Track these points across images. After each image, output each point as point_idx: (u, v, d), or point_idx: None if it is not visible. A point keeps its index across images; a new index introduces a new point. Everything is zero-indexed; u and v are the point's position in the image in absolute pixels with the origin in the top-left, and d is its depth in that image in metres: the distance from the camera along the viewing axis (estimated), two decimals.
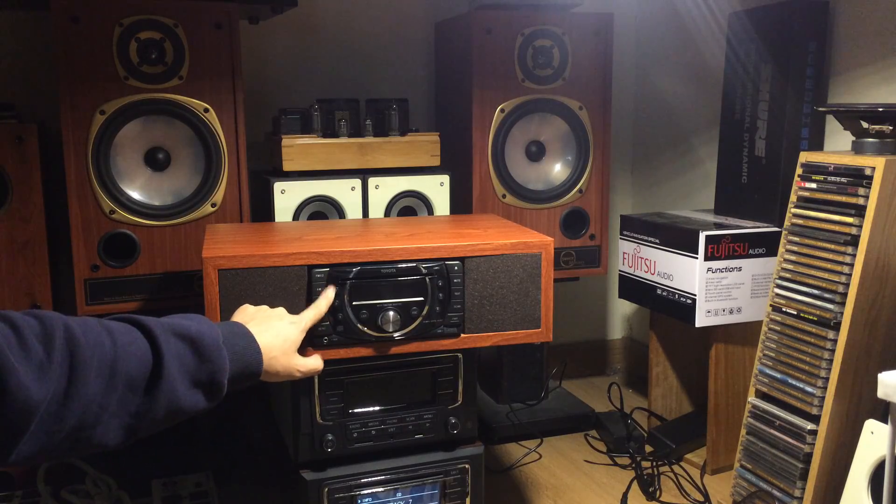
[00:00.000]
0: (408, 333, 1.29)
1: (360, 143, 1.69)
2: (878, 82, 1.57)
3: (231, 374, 0.94)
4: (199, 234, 1.60)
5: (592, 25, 1.86)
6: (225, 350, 0.94)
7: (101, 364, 0.79)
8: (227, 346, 0.95)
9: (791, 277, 1.43)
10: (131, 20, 1.54)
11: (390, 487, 1.36)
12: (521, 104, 1.83)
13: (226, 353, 0.93)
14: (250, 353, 1.00)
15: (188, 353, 0.89)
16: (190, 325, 0.92)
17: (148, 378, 0.84)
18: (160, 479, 1.58)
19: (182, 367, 0.87)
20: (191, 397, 0.88)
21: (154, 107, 1.57)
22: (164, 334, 0.87)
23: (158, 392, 0.84)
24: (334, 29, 2.03)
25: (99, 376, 0.79)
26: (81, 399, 0.77)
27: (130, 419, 0.82)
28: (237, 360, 0.96)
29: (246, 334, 1.02)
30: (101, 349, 0.80)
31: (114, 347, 0.81)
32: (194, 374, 0.89)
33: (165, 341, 0.86)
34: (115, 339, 0.82)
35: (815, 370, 1.37)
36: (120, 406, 0.81)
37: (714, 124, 1.92)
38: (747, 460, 1.51)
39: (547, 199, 1.89)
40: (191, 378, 0.88)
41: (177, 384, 0.86)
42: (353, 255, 1.26)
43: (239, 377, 0.97)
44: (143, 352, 0.84)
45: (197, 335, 0.91)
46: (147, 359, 0.84)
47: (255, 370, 1.00)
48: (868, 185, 1.30)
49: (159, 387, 0.84)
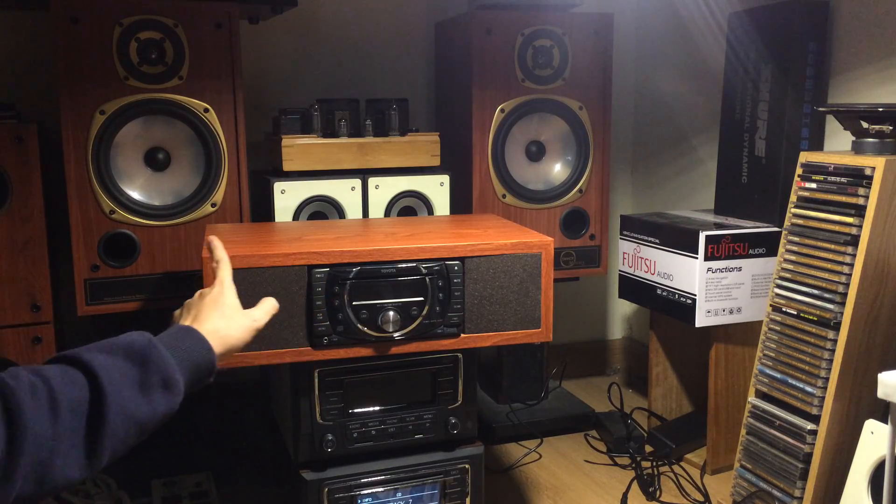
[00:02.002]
0: (408, 333, 1.29)
1: (360, 143, 1.69)
2: (878, 82, 1.57)
3: (185, 371, 0.90)
4: (199, 234, 1.60)
5: (592, 25, 1.86)
6: (163, 348, 0.89)
7: (38, 400, 0.77)
8: (165, 346, 0.90)
9: (791, 277, 1.43)
10: (131, 20, 1.54)
11: (390, 487, 1.36)
12: (521, 104, 1.83)
13: (163, 349, 0.89)
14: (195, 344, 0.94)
15: (124, 364, 0.85)
16: (116, 340, 0.89)
17: (90, 401, 0.80)
18: (160, 479, 1.58)
19: (124, 380, 0.84)
20: (145, 405, 0.85)
21: (154, 107, 1.57)
22: (91, 356, 0.83)
23: (107, 411, 0.80)
24: (334, 29, 2.03)
25: (39, 412, 0.76)
26: (28, 438, 0.74)
27: (88, 446, 0.79)
28: (182, 354, 0.91)
29: (182, 329, 0.97)
30: (33, 388, 0.77)
31: (45, 382, 0.78)
32: (139, 381, 0.85)
33: (94, 360, 0.83)
34: (44, 375, 0.79)
35: (815, 370, 1.37)
36: (72, 435, 0.78)
37: (714, 124, 1.92)
38: (747, 460, 1.51)
39: (547, 199, 1.89)
40: (137, 386, 0.85)
41: (124, 398, 0.82)
42: (353, 255, 1.26)
43: (195, 371, 0.93)
44: (77, 378, 0.81)
45: (125, 344, 0.87)
46: (83, 383, 0.81)
47: (207, 358, 0.95)
48: (868, 185, 1.30)
49: (106, 406, 0.80)
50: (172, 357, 0.89)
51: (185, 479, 1.59)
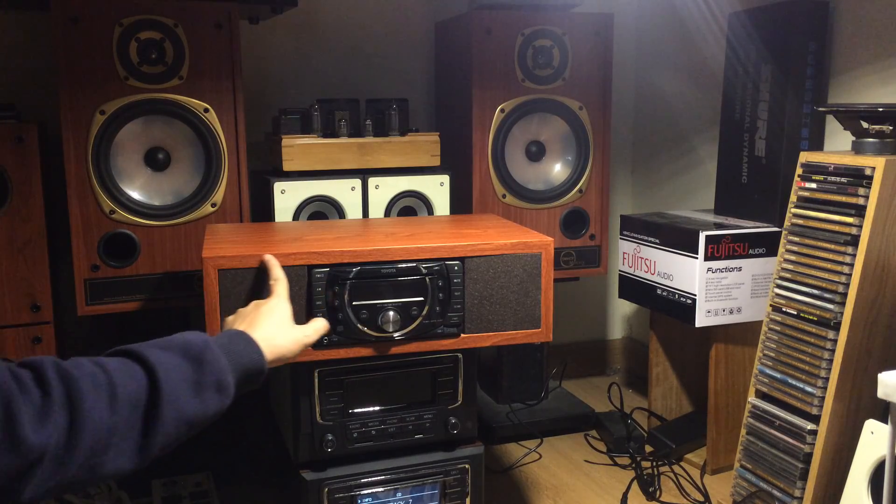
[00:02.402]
0: (408, 333, 1.29)
1: (360, 143, 1.69)
2: (878, 82, 1.57)
3: (236, 373, 0.94)
4: (199, 234, 1.60)
5: (592, 25, 1.86)
6: (217, 349, 0.93)
7: (99, 391, 0.80)
8: (219, 347, 0.94)
9: (791, 277, 1.43)
10: (131, 20, 1.54)
11: (390, 487, 1.36)
12: (521, 104, 1.83)
13: (219, 352, 0.93)
14: (248, 349, 0.99)
15: (182, 363, 0.88)
16: (174, 338, 0.92)
17: (148, 396, 0.83)
18: (160, 479, 1.58)
19: (180, 378, 0.87)
20: (197, 405, 0.88)
21: (154, 107, 1.57)
22: (150, 351, 0.87)
23: (163, 406, 0.84)
24: (334, 29, 2.03)
25: (99, 402, 0.79)
26: (88, 427, 0.77)
27: (141, 439, 0.82)
28: (235, 357, 0.96)
29: (237, 333, 1.01)
30: (94, 378, 0.80)
31: (106, 373, 0.81)
32: (194, 381, 0.88)
33: (154, 357, 0.86)
34: (105, 367, 0.82)
35: (815, 370, 1.37)
36: (128, 428, 0.81)
37: (714, 124, 1.92)
38: (747, 460, 1.51)
39: (547, 199, 1.89)
40: (192, 385, 0.88)
41: (179, 395, 0.86)
42: (353, 255, 1.26)
43: (245, 374, 0.97)
44: (136, 372, 0.84)
45: (183, 343, 0.90)
46: (141, 377, 0.84)
47: (258, 363, 0.99)
48: (868, 185, 1.30)
49: (162, 402, 0.83)
50: (226, 359, 0.93)
51: (185, 479, 1.59)
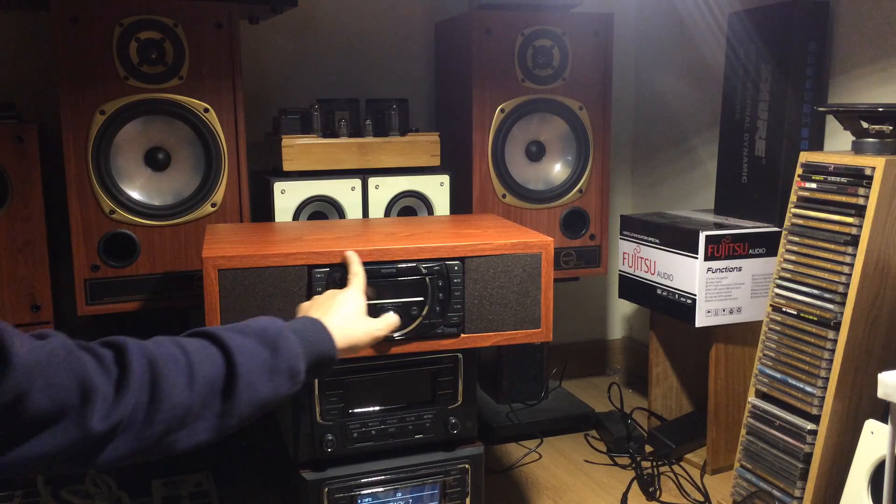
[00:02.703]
0: (408, 333, 1.29)
1: (360, 143, 1.69)
2: (878, 82, 1.57)
3: (307, 359, 0.97)
4: (199, 234, 1.60)
5: (592, 25, 1.86)
6: (292, 335, 0.96)
7: (178, 371, 0.83)
8: (294, 334, 0.97)
9: (791, 277, 1.43)
10: (131, 20, 1.54)
11: (390, 487, 1.36)
12: (521, 104, 1.83)
13: (294, 338, 0.95)
14: (320, 335, 1.01)
15: (257, 347, 0.91)
16: (250, 323, 0.96)
17: (225, 378, 0.87)
18: (160, 479, 1.58)
19: (256, 362, 0.90)
20: (270, 389, 0.91)
21: (154, 107, 1.57)
22: (228, 334, 0.90)
23: (238, 389, 0.87)
24: (334, 29, 2.03)
25: (178, 383, 0.82)
26: (165, 407, 0.81)
27: (216, 420, 0.86)
28: (308, 345, 0.98)
29: (311, 320, 1.03)
30: (174, 358, 0.83)
31: (185, 354, 0.85)
32: (269, 365, 0.91)
33: (232, 340, 0.89)
34: (184, 347, 0.86)
35: (815, 370, 1.37)
36: (203, 408, 0.84)
37: (714, 124, 1.92)
38: (747, 460, 1.51)
39: (547, 199, 1.89)
40: (267, 371, 0.91)
41: (254, 378, 0.89)
42: None
43: (316, 360, 0.99)
44: (215, 354, 0.88)
45: (259, 329, 0.94)
46: (219, 360, 0.87)
47: (329, 351, 1.01)
48: (868, 185, 1.30)
49: (238, 384, 0.87)
50: (300, 346, 0.96)
51: (185, 479, 1.59)
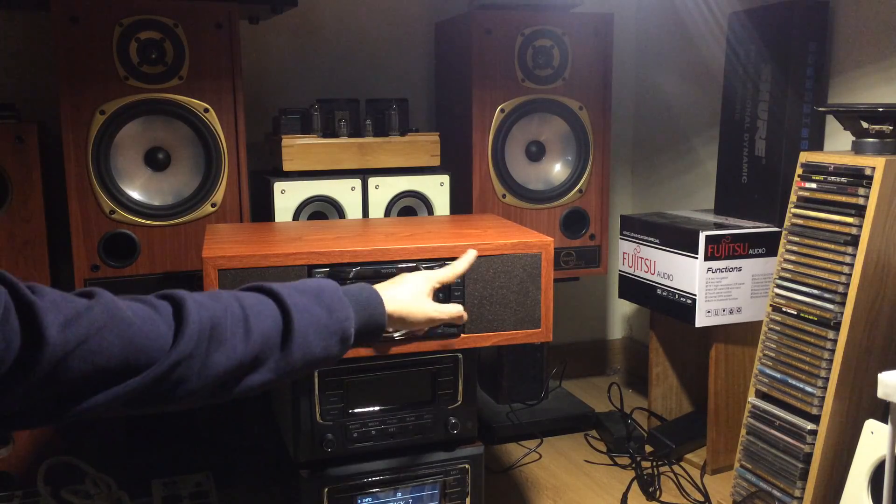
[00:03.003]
0: (408, 333, 1.29)
1: (360, 143, 1.69)
2: (878, 82, 1.57)
3: (358, 323, 0.98)
4: (199, 234, 1.60)
5: (592, 25, 1.86)
6: (347, 299, 0.98)
7: (235, 324, 0.85)
8: (349, 297, 0.99)
9: (791, 277, 1.43)
10: (131, 20, 1.54)
11: (390, 487, 1.36)
12: (521, 104, 1.83)
13: (348, 302, 0.97)
14: (372, 301, 1.03)
15: (314, 306, 0.93)
16: (309, 282, 0.98)
17: (281, 333, 0.89)
18: (160, 479, 1.58)
19: (311, 319, 0.92)
20: (323, 348, 0.93)
21: (154, 107, 1.57)
22: (287, 291, 0.92)
23: (293, 345, 0.89)
24: (334, 29, 2.03)
25: (235, 335, 0.85)
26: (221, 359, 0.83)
27: (269, 373, 0.88)
28: (361, 309, 1.00)
29: (366, 287, 1.05)
30: (232, 310, 0.86)
31: (242, 308, 0.87)
32: (323, 325, 0.93)
33: (289, 297, 0.91)
34: (242, 301, 0.88)
35: (815, 370, 1.37)
36: (258, 361, 0.86)
37: (714, 124, 1.92)
38: (747, 460, 1.51)
39: (547, 199, 1.89)
40: (321, 329, 0.93)
41: (309, 336, 0.91)
42: (353, 255, 1.26)
43: (366, 325, 1.01)
44: (272, 310, 0.90)
45: (317, 289, 0.96)
46: (276, 315, 0.89)
47: (379, 317, 1.03)
48: (868, 185, 1.30)
49: (292, 340, 0.89)
50: (353, 310, 0.98)
51: (185, 479, 1.59)
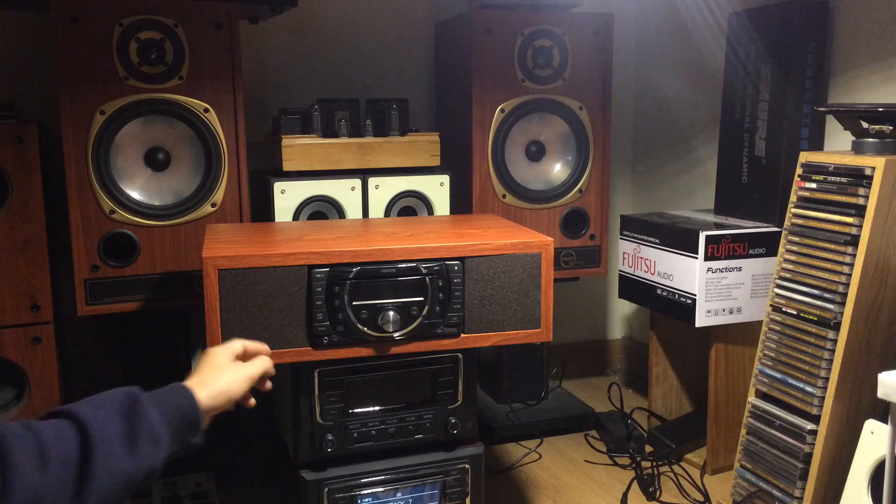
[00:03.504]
0: (408, 333, 1.29)
1: (360, 143, 1.69)
2: (878, 82, 1.57)
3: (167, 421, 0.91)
4: (199, 234, 1.60)
5: (592, 25, 1.86)
6: (148, 400, 0.91)
7: (28, 451, 0.79)
8: (151, 399, 0.92)
9: (791, 277, 1.43)
10: (131, 20, 1.54)
11: (390, 487, 1.36)
12: (521, 104, 1.83)
13: (150, 403, 0.90)
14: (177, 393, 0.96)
15: (113, 418, 0.87)
16: (106, 395, 0.90)
17: (80, 452, 0.82)
18: (160, 479, 1.58)
19: (112, 432, 0.85)
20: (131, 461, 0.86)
21: (154, 107, 1.57)
22: (81, 409, 0.86)
23: (95, 464, 0.82)
24: (334, 29, 2.03)
25: (28, 462, 0.78)
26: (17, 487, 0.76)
27: (75, 498, 0.81)
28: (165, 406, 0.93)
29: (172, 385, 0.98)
30: (22, 438, 0.79)
31: (34, 433, 0.81)
32: (126, 434, 0.86)
33: (84, 414, 0.85)
34: (33, 427, 0.81)
35: (815, 370, 1.37)
36: (61, 488, 0.80)
37: (714, 124, 1.92)
38: (747, 460, 1.51)
39: (547, 199, 1.89)
40: (125, 441, 0.86)
41: (112, 450, 0.84)
42: (353, 255, 1.26)
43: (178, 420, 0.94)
44: (67, 429, 0.83)
45: (111, 398, 0.89)
46: (73, 435, 0.83)
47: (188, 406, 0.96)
48: (868, 185, 1.30)
49: (94, 458, 0.82)
50: (158, 411, 0.91)
51: (185, 479, 1.59)
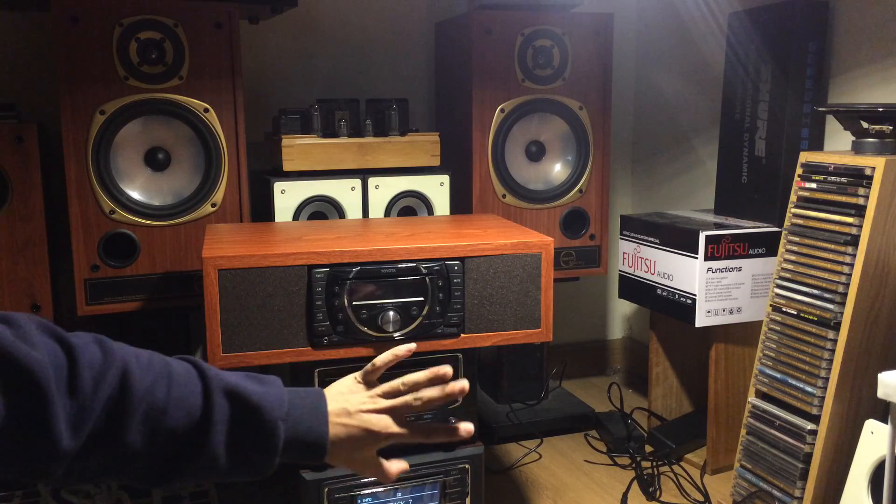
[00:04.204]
0: (408, 333, 1.29)
1: (360, 143, 1.69)
2: (878, 82, 1.57)
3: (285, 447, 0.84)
4: (199, 234, 1.60)
5: (592, 25, 1.86)
6: (282, 426, 0.83)
7: (148, 415, 0.76)
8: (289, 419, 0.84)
9: (791, 277, 1.43)
10: (131, 20, 1.54)
11: (390, 487, 1.36)
12: (521, 104, 1.83)
13: (282, 431, 0.83)
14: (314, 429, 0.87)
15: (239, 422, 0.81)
16: (254, 391, 0.83)
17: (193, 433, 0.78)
18: None
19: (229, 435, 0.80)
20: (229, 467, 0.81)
21: (154, 107, 1.57)
22: (219, 393, 0.80)
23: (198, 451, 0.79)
24: (334, 29, 2.03)
25: (141, 427, 0.75)
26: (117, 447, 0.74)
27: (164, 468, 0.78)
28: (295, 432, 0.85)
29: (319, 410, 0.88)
30: (152, 398, 0.76)
31: (167, 398, 0.77)
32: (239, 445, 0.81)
33: (219, 403, 0.80)
34: (170, 387, 0.78)
35: (815, 370, 1.37)
36: (155, 457, 0.77)
37: (714, 124, 1.92)
38: (747, 460, 1.51)
39: (547, 199, 1.89)
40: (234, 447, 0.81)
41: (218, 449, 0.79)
42: (353, 255, 1.26)
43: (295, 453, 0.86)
44: (194, 407, 0.79)
45: (256, 405, 0.82)
46: (195, 416, 0.79)
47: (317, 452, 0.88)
48: (868, 185, 1.30)
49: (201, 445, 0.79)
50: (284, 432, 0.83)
51: None
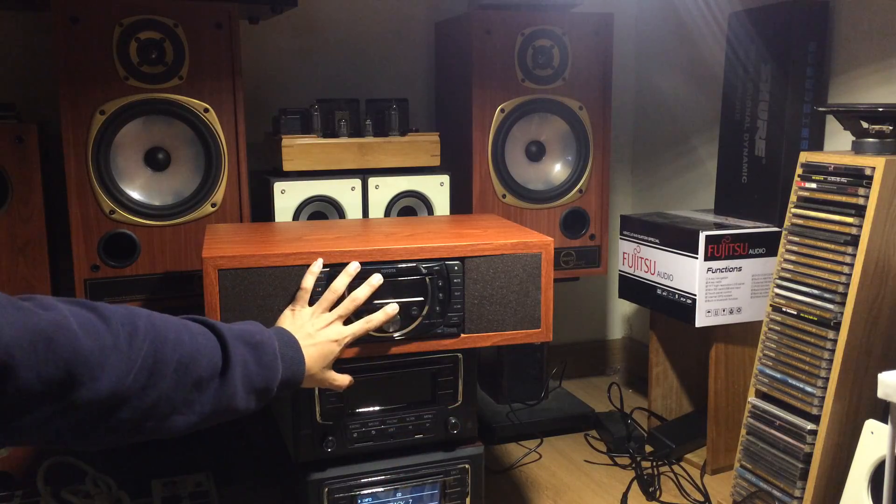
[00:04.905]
0: (408, 333, 1.29)
1: (360, 143, 1.69)
2: (878, 82, 1.57)
3: (279, 382, 1.02)
4: (199, 234, 1.60)
5: (592, 25, 1.86)
6: (280, 360, 1.01)
7: (179, 363, 0.85)
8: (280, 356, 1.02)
9: (791, 277, 1.43)
10: (131, 20, 1.54)
11: (390, 487, 1.36)
12: (521, 104, 1.83)
13: (280, 363, 1.00)
14: (297, 363, 1.07)
15: (251, 360, 0.96)
16: (253, 332, 1.00)
17: (216, 379, 0.90)
18: (160, 479, 1.58)
19: (244, 372, 0.94)
20: (245, 401, 0.95)
21: (154, 107, 1.57)
22: (232, 339, 0.94)
23: (221, 394, 0.91)
24: (334, 29, 2.03)
25: (174, 374, 0.84)
26: (153, 395, 0.82)
27: (193, 416, 0.88)
28: (286, 369, 1.03)
29: (295, 345, 1.09)
30: (180, 347, 0.86)
31: (192, 347, 0.87)
32: (253, 380, 0.96)
33: (234, 346, 0.93)
34: (194, 339, 0.89)
35: (815, 370, 1.37)
36: (185, 404, 0.87)
37: (714, 124, 1.92)
38: (747, 460, 1.51)
39: (547, 199, 1.89)
40: (249, 383, 0.95)
41: (237, 388, 0.93)
42: (353, 255, 1.26)
43: (285, 385, 1.04)
44: (214, 355, 0.91)
45: (259, 343, 0.98)
46: (217, 362, 0.91)
47: (298, 380, 1.08)
48: (868, 185, 1.30)
49: (223, 389, 0.91)
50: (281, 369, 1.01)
51: (185, 479, 1.59)
